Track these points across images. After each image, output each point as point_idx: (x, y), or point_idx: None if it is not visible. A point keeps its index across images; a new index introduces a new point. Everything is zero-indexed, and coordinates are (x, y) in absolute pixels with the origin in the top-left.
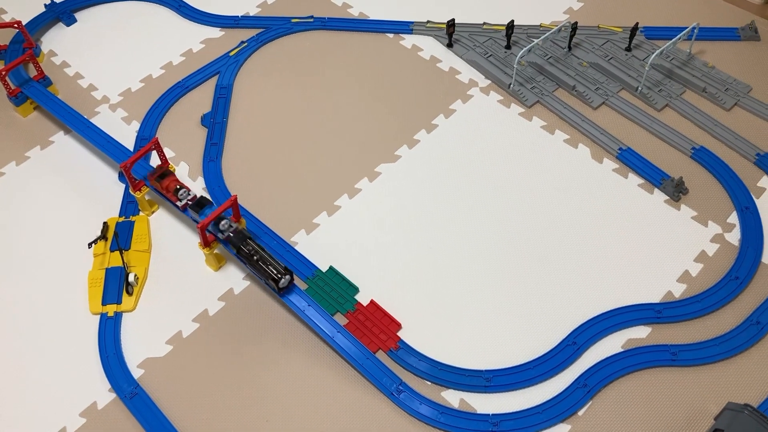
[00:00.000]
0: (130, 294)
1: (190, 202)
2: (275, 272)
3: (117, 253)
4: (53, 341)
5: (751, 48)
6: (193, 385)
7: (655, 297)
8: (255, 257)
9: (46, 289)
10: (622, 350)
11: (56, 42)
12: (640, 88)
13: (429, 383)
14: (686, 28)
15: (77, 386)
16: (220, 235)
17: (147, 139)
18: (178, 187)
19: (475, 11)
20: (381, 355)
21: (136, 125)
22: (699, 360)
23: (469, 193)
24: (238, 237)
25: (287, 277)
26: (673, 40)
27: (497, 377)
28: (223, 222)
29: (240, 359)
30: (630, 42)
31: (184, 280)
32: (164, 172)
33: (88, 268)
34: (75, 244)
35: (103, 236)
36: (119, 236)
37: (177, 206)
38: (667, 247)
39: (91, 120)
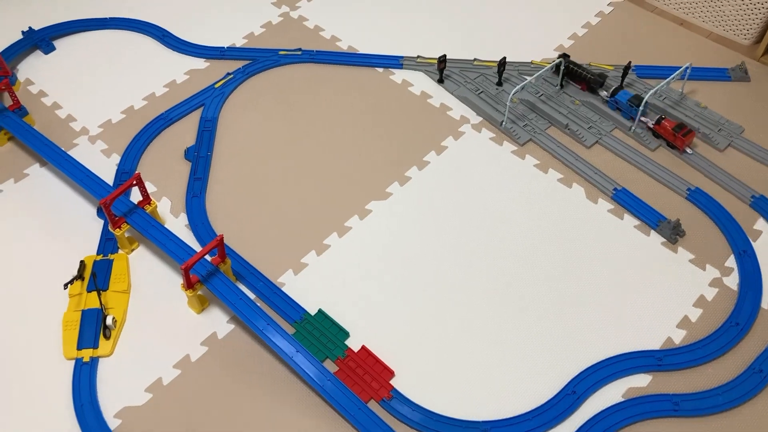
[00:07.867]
0: (107, 338)
1: None
2: None
3: (94, 293)
4: (23, 388)
5: (742, 88)
6: None
7: (655, 343)
8: None
9: (17, 332)
10: (623, 399)
11: (33, 70)
12: (633, 128)
13: None
14: (676, 67)
15: None
16: None
17: (127, 172)
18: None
19: (466, 47)
20: (373, 405)
21: (116, 158)
22: (702, 410)
23: (462, 233)
24: None
25: None
26: (668, 79)
27: (495, 429)
28: None
29: (224, 408)
30: (622, 81)
31: (164, 324)
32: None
33: (62, 310)
34: (49, 283)
35: (79, 275)
36: (97, 276)
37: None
38: (665, 291)
39: (68, 152)
